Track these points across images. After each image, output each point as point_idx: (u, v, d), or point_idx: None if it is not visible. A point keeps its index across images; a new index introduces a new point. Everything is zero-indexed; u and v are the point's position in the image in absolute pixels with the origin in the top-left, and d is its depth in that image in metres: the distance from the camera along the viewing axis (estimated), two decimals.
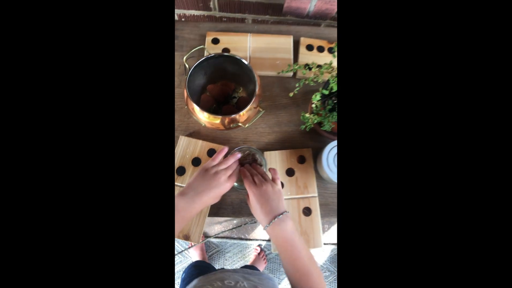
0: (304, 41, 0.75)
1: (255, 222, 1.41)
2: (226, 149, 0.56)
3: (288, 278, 0.50)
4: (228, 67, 0.69)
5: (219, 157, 0.54)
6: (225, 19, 0.98)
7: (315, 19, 0.89)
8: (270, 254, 1.40)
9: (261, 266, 1.35)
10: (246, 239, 1.42)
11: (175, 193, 0.53)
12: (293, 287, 0.49)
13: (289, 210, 0.63)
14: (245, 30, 0.77)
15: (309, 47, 0.74)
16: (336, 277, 1.39)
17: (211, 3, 0.90)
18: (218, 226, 1.42)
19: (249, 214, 0.65)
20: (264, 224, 0.50)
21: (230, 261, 1.39)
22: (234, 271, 0.65)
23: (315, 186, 0.65)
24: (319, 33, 0.78)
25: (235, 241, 1.41)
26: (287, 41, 0.74)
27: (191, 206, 0.49)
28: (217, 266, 1.38)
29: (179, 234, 0.61)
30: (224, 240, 1.41)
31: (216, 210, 0.65)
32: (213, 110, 0.69)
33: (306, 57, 0.73)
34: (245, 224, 1.41)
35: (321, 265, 1.40)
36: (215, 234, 1.40)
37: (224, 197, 0.65)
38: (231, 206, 0.66)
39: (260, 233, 1.43)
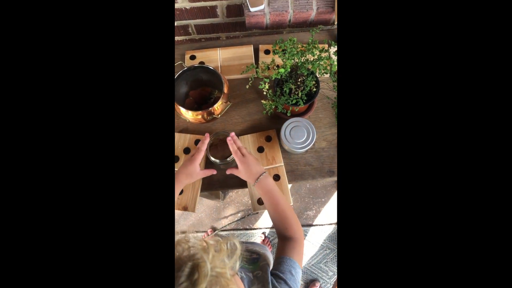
0: (262, 47, 0.94)
1: (257, 213, 1.58)
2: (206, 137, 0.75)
3: (272, 221, 0.68)
4: (204, 75, 0.88)
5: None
6: (203, 40, 1.19)
7: (275, 28, 1.09)
8: (274, 240, 1.56)
9: None
10: (251, 229, 1.58)
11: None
12: (276, 228, 0.66)
13: None
14: (215, 45, 0.97)
15: (267, 52, 0.93)
16: (336, 254, 1.53)
17: (190, 28, 1.11)
18: (224, 220, 1.60)
19: (232, 186, 0.83)
20: (253, 182, 0.68)
21: None
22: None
23: (280, 157, 0.82)
24: (276, 39, 0.97)
25: (241, 232, 1.57)
26: (248, 50, 0.94)
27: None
28: None
29: (179, 206, 0.80)
30: (232, 231, 1.58)
31: (207, 186, 0.83)
32: (195, 109, 0.88)
33: (264, 59, 0.92)
34: (248, 215, 1.58)
35: (321, 244, 1.54)
36: (222, 227, 1.57)
37: (212, 175, 0.84)
38: (218, 182, 0.84)
39: (262, 222, 1.59)
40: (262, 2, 0.91)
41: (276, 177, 0.81)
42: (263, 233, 1.57)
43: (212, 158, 0.77)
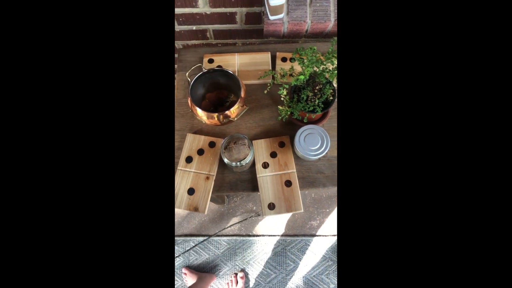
0: (279, 55, 0.96)
1: (258, 215, 1.58)
2: None
3: None
4: (221, 79, 0.90)
5: None
6: (220, 45, 1.21)
7: (291, 37, 1.11)
8: (277, 248, 1.55)
9: None
10: (254, 235, 1.57)
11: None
12: None
13: (274, 183, 0.81)
14: (234, 51, 0.99)
15: (283, 59, 0.95)
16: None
17: (208, 33, 1.14)
18: (225, 224, 1.59)
19: (243, 189, 0.84)
20: None
21: (241, 257, 1.54)
22: None
23: (293, 163, 0.83)
24: (292, 48, 0.99)
25: (244, 238, 1.57)
26: (266, 56, 0.95)
27: None
28: (229, 263, 1.53)
29: (190, 206, 0.80)
30: (234, 237, 1.57)
31: (218, 188, 0.84)
32: (212, 111, 0.89)
33: (281, 67, 0.94)
34: (250, 217, 1.57)
35: (323, 255, 1.53)
36: (221, 229, 1.57)
37: (223, 177, 0.84)
38: (228, 184, 0.84)
39: (266, 229, 1.58)
40: (282, 11, 0.93)
41: (288, 183, 0.82)
42: (235, 274, 1.53)
43: (226, 160, 0.77)
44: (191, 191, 0.81)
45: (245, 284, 1.50)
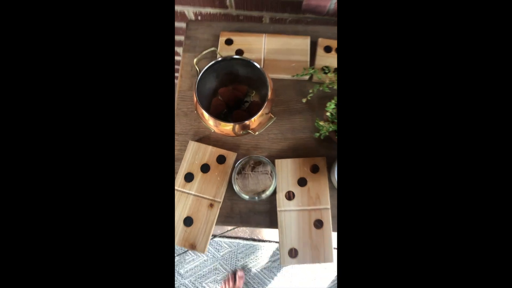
0: (322, 42, 0.70)
1: None
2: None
3: None
4: (240, 69, 0.66)
5: None
6: (241, 17, 0.95)
7: (336, 16, 0.84)
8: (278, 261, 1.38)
9: None
10: (259, 240, 1.41)
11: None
12: None
13: (299, 222, 0.60)
14: (260, 30, 0.74)
15: (327, 49, 0.69)
16: None
17: (227, 0, 0.87)
18: (232, 227, 1.42)
19: (257, 223, 0.63)
20: None
21: (242, 262, 1.38)
22: None
23: (328, 197, 0.61)
24: (334, 33, 0.73)
25: (248, 242, 1.40)
26: (304, 42, 0.70)
27: None
28: (228, 267, 1.38)
29: (185, 243, 0.60)
30: (237, 240, 1.40)
31: (224, 219, 0.63)
32: (224, 115, 0.66)
33: (323, 59, 0.69)
34: None
35: (333, 270, 1.37)
36: (224, 232, 1.40)
37: (232, 205, 0.63)
38: (239, 215, 0.63)
39: (274, 234, 1.41)
40: None
41: (318, 224, 0.61)
42: (233, 272, 1.37)
43: (238, 189, 0.56)
44: (188, 221, 0.61)
45: (243, 286, 1.35)
